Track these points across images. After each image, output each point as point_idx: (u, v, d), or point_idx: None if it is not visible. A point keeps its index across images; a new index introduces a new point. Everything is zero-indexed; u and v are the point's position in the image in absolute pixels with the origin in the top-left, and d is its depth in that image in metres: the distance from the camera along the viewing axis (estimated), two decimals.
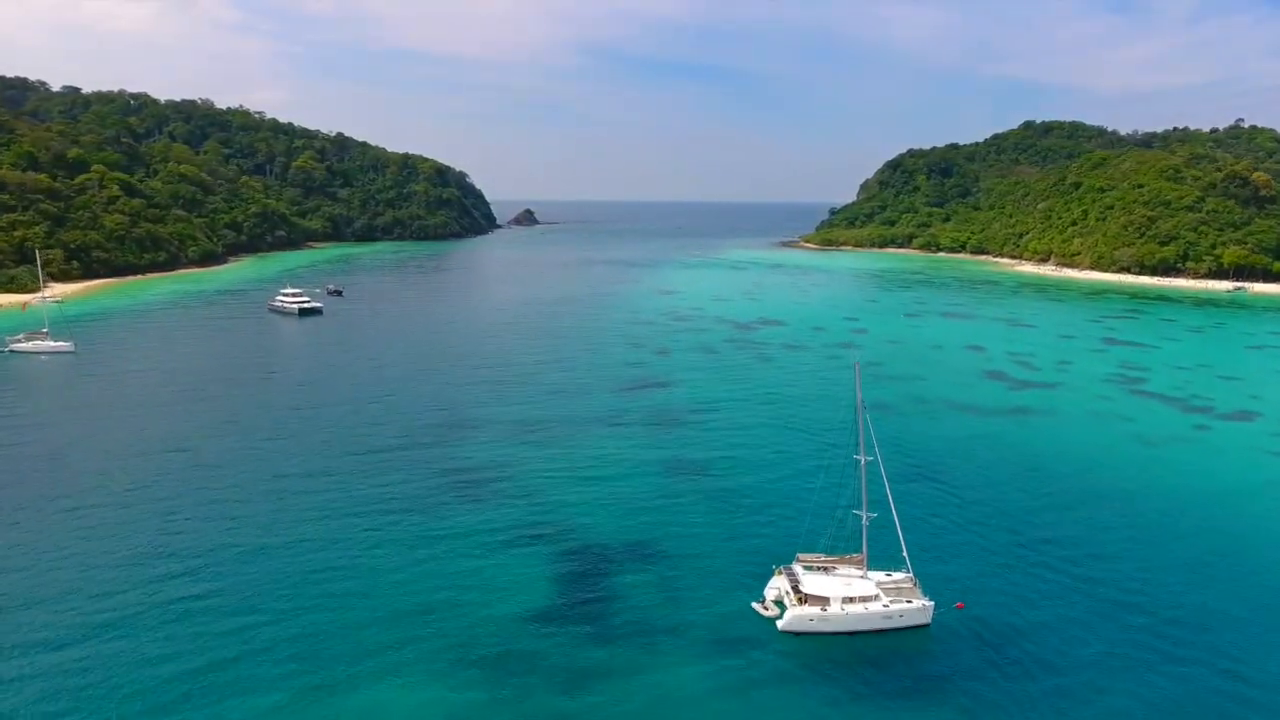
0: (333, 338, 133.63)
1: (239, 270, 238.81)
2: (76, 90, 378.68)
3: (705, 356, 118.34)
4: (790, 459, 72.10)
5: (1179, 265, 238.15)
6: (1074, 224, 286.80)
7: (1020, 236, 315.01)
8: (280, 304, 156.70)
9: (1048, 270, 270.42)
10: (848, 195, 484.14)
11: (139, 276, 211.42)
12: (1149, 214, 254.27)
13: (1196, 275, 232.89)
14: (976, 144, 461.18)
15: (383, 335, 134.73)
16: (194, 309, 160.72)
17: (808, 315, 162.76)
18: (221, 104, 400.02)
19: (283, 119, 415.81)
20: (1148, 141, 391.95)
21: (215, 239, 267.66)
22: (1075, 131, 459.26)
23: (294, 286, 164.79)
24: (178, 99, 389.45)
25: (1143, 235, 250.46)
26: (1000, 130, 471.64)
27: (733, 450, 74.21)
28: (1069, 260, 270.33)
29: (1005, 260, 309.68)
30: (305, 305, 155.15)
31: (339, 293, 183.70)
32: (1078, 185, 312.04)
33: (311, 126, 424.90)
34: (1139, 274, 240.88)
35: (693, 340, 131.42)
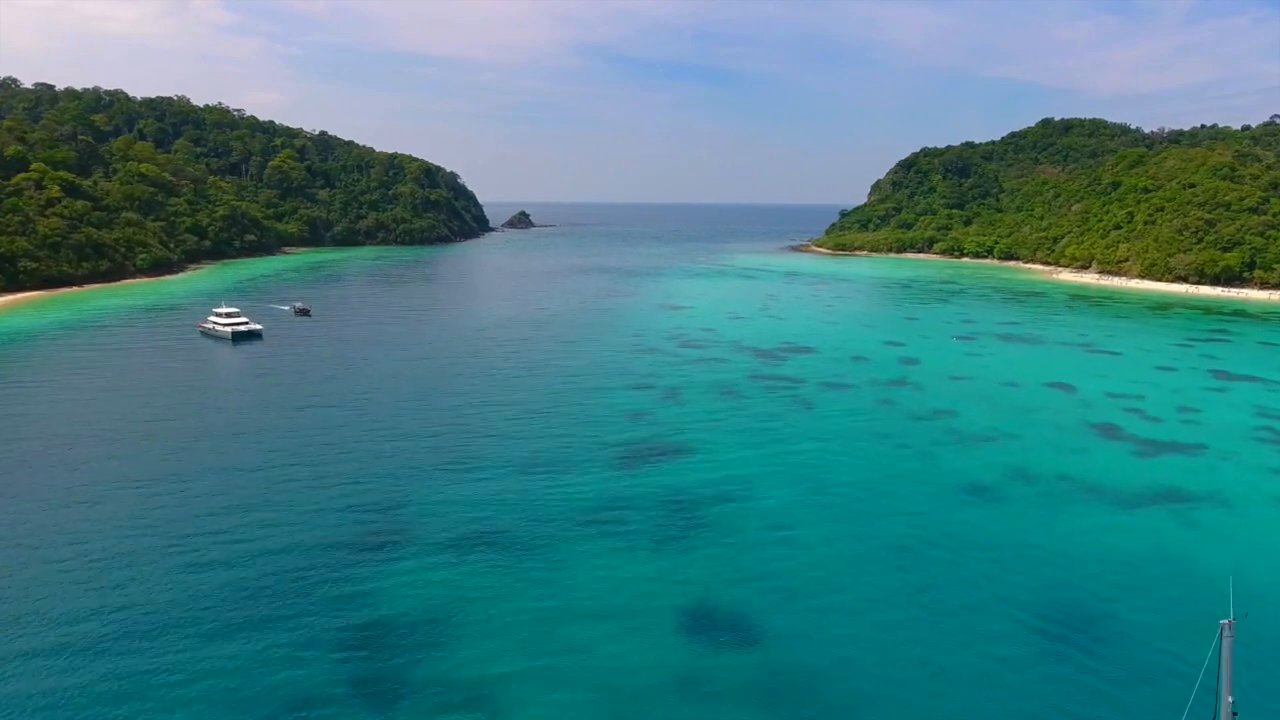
0: (264, 373, 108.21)
1: (193, 280, 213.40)
2: (50, 87, 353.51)
3: (727, 402, 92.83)
4: (906, 646, 45.48)
5: (1244, 274, 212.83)
6: (1117, 227, 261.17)
7: (1055, 241, 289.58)
8: (212, 326, 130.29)
9: (1091, 279, 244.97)
10: (851, 196, 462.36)
11: (75, 289, 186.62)
12: (1206, 216, 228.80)
13: (1265, 285, 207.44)
14: (993, 142, 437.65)
15: (325, 371, 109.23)
16: (115, 331, 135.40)
17: (841, 339, 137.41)
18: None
19: (280, 121, 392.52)
20: (1175, 139, 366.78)
21: (174, 245, 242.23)
22: (1096, 129, 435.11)
23: (230, 305, 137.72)
24: (153, 95, 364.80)
25: (1200, 240, 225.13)
26: (1011, 129, 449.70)
27: (792, 601, 48.00)
28: (1114, 267, 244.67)
29: (1039, 267, 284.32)
30: (241, 328, 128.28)
31: (306, 312, 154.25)
32: (1116, 185, 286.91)
33: (309, 128, 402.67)
34: (1198, 283, 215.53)
35: (709, 377, 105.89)
